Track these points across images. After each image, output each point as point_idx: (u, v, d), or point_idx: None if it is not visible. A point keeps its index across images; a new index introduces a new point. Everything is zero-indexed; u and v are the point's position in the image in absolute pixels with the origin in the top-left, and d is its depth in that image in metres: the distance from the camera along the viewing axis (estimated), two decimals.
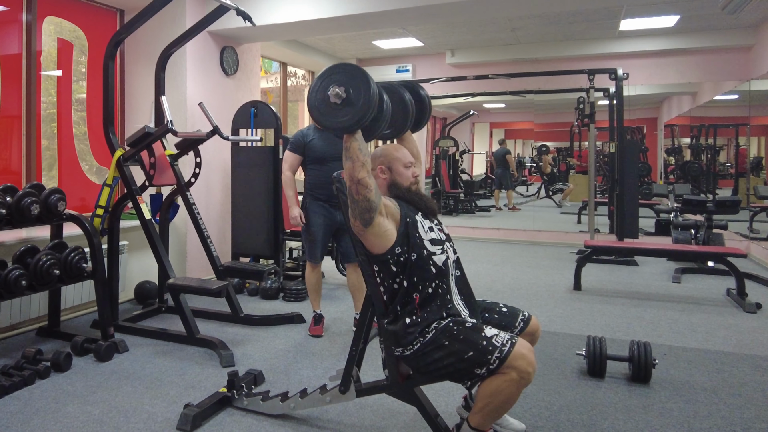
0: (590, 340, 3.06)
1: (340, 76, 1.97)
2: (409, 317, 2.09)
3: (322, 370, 3.18)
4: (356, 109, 1.93)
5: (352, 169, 1.98)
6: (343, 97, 1.94)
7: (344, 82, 1.95)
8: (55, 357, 3.16)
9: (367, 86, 1.93)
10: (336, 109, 1.96)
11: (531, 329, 2.33)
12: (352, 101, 1.94)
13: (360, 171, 1.97)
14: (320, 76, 2.02)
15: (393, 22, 5.26)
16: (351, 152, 1.98)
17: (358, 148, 1.98)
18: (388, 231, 2.08)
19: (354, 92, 1.94)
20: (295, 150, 3.79)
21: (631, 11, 5.92)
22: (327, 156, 3.73)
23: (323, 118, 2.00)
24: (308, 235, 3.80)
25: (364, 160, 1.98)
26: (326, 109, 1.99)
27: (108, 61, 3.74)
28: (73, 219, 3.53)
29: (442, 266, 2.13)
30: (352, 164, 1.98)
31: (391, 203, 2.15)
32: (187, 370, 3.19)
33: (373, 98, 1.93)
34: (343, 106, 1.95)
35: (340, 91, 1.94)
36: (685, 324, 4.02)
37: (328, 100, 1.97)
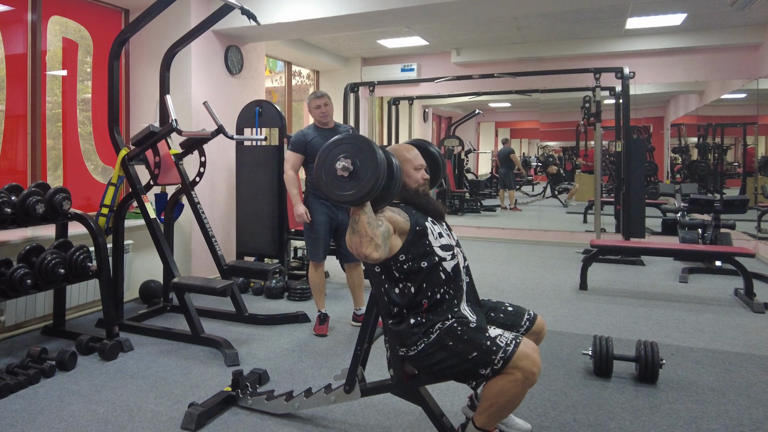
0: (597, 339, 3.04)
1: (347, 148, 1.91)
2: (414, 317, 2.08)
3: (327, 369, 3.16)
4: (364, 182, 1.87)
5: (359, 244, 1.88)
6: (350, 170, 1.88)
7: (351, 154, 1.90)
8: (60, 356, 3.16)
9: (374, 157, 1.87)
10: (343, 182, 1.90)
11: (536, 328, 2.31)
12: (358, 174, 1.88)
13: (367, 246, 1.88)
14: (326, 147, 1.96)
15: (398, 20, 5.25)
16: (359, 226, 1.89)
17: (367, 222, 1.88)
18: (393, 246, 2.05)
19: (361, 164, 1.88)
20: (297, 149, 3.80)
21: (637, 9, 5.89)
22: None
23: (330, 191, 1.93)
24: (311, 234, 3.81)
25: (372, 234, 1.88)
26: (333, 182, 1.92)
27: (113, 60, 3.74)
28: (78, 218, 3.53)
29: (451, 272, 2.11)
30: (359, 239, 1.88)
31: (401, 216, 2.10)
32: (192, 369, 3.18)
33: (381, 169, 1.86)
34: (350, 178, 1.89)
35: (347, 163, 1.88)
36: (692, 324, 3.99)
37: (335, 172, 1.91)
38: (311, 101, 3.84)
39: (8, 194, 3.15)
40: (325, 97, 3.83)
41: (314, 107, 3.82)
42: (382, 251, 1.92)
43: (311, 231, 3.80)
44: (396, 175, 2.00)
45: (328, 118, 3.84)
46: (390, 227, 2.02)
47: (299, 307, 4.41)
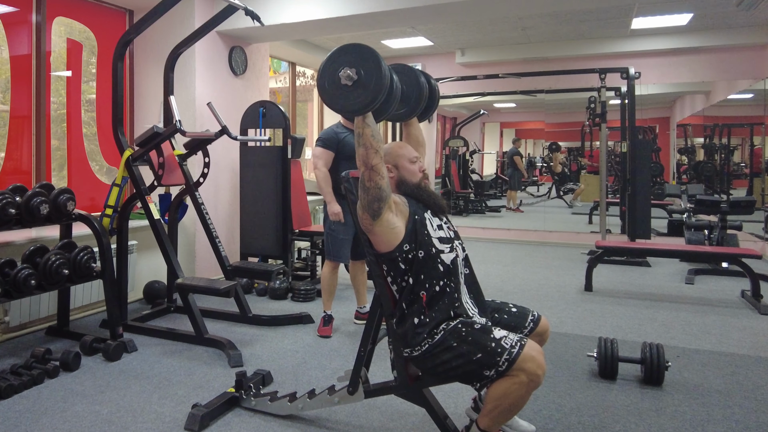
0: (601, 341, 3.02)
1: (351, 57, 1.93)
2: (417, 317, 2.07)
3: (331, 370, 3.16)
4: (368, 90, 1.90)
5: (366, 155, 1.98)
6: (354, 79, 1.90)
7: (355, 63, 1.92)
8: (64, 357, 3.16)
9: (379, 67, 1.90)
10: (347, 91, 1.93)
11: (540, 329, 2.30)
12: (363, 83, 1.90)
13: (374, 157, 1.97)
14: (330, 57, 1.98)
15: (402, 21, 5.24)
16: (364, 138, 1.98)
17: (371, 134, 1.97)
18: (396, 227, 2.06)
19: (365, 73, 1.90)
20: (329, 146, 3.75)
21: (643, 9, 5.86)
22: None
23: (334, 100, 1.97)
24: (337, 234, 3.75)
25: (377, 146, 1.97)
26: (337, 91, 1.95)
27: (117, 61, 3.74)
28: (82, 219, 3.53)
29: (450, 264, 2.10)
30: (365, 150, 1.97)
31: (400, 200, 2.14)
32: (196, 370, 3.18)
33: (385, 79, 1.90)
34: (355, 88, 1.92)
35: (352, 72, 1.90)
36: (698, 326, 3.96)
37: (338, 81, 1.93)
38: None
39: (12, 195, 3.16)
40: None
41: None
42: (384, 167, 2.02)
43: (338, 231, 3.75)
44: (395, 91, 2.05)
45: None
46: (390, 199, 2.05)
47: (303, 308, 4.41)
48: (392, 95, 2.03)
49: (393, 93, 2.03)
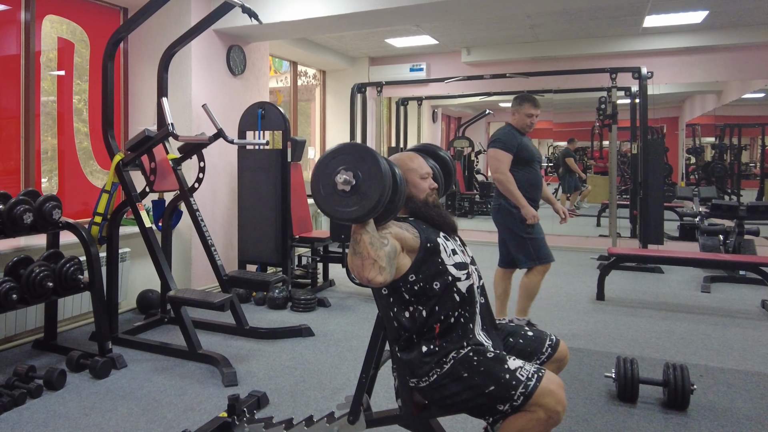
0: (620, 361, 2.82)
1: (346, 158, 1.68)
2: (426, 345, 1.87)
3: (331, 390, 2.97)
4: (367, 197, 1.64)
5: (361, 267, 1.68)
6: (351, 183, 1.65)
7: (352, 166, 1.67)
8: (48, 375, 2.99)
9: (377, 168, 1.65)
10: (344, 197, 1.67)
11: (559, 355, 2.10)
12: (361, 189, 1.65)
13: (370, 269, 1.68)
14: (323, 159, 1.73)
15: (407, 18, 5.04)
16: (360, 246, 1.68)
17: (369, 242, 1.68)
18: (402, 266, 1.84)
19: (363, 177, 1.65)
20: (509, 149, 3.55)
21: (656, 7, 5.64)
22: (536, 157, 3.64)
23: (329, 207, 1.70)
24: (535, 234, 3.59)
25: (375, 256, 1.68)
26: (332, 198, 1.69)
27: (107, 61, 3.56)
28: (69, 227, 3.35)
29: (466, 293, 1.90)
30: (361, 262, 1.67)
31: (409, 232, 1.88)
32: (187, 389, 2.99)
33: (386, 182, 1.64)
34: (352, 193, 1.66)
35: (348, 176, 1.65)
36: (719, 340, 3.76)
37: (334, 186, 1.67)
38: (525, 106, 3.58)
39: None
40: (539, 109, 3.62)
41: (526, 114, 3.58)
42: (387, 274, 1.72)
43: (535, 232, 3.58)
44: (400, 187, 1.78)
45: (532, 129, 3.66)
46: (397, 246, 1.81)
47: (303, 319, 4.22)
48: (397, 194, 1.76)
49: (398, 191, 1.76)
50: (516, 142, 3.55)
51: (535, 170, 3.62)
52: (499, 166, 3.54)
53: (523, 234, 3.58)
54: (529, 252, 3.61)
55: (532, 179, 3.60)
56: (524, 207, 3.49)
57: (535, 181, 3.61)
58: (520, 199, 3.48)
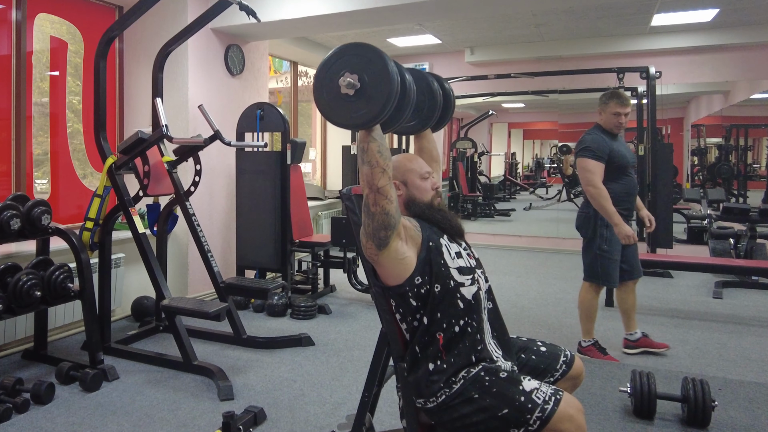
0: (636, 375, 2.68)
1: (351, 60, 1.58)
2: (432, 362, 1.73)
3: (331, 405, 2.83)
4: (373, 100, 1.55)
5: (371, 174, 1.61)
6: (356, 87, 1.55)
7: (357, 68, 1.57)
8: (36, 388, 2.85)
9: (385, 69, 1.55)
10: (348, 101, 1.58)
11: (574, 372, 1.96)
12: (367, 91, 1.55)
13: (380, 177, 1.61)
14: (326, 61, 1.63)
15: (409, 17, 4.90)
16: (369, 155, 1.61)
17: (377, 150, 1.61)
18: (406, 257, 1.72)
19: (370, 79, 1.55)
20: (601, 157, 3.24)
21: (665, 5, 5.50)
22: (629, 162, 3.35)
23: (334, 113, 1.62)
24: (608, 254, 3.29)
25: (384, 164, 1.62)
26: (336, 102, 1.60)
27: (99, 60, 3.43)
28: (59, 233, 3.22)
29: (471, 300, 1.76)
30: (370, 169, 1.61)
31: (411, 224, 1.78)
32: (181, 403, 2.85)
33: (394, 85, 1.54)
34: (357, 97, 1.56)
35: (353, 79, 1.55)
36: (735, 350, 3.62)
37: (337, 90, 1.58)
38: (611, 104, 3.29)
39: None
40: (629, 106, 3.31)
41: (612, 113, 3.29)
42: (393, 189, 1.66)
43: (612, 253, 3.29)
44: (409, 91, 1.67)
45: (623, 129, 3.35)
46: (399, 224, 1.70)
47: (303, 326, 4.08)
48: (405, 100, 1.66)
49: (406, 98, 1.66)
50: (607, 147, 3.25)
51: (629, 176, 3.33)
52: (591, 179, 3.20)
53: (598, 250, 3.33)
54: (596, 269, 3.37)
55: (628, 188, 3.32)
56: (618, 225, 3.16)
57: (630, 189, 3.33)
58: (614, 216, 3.16)
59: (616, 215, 3.16)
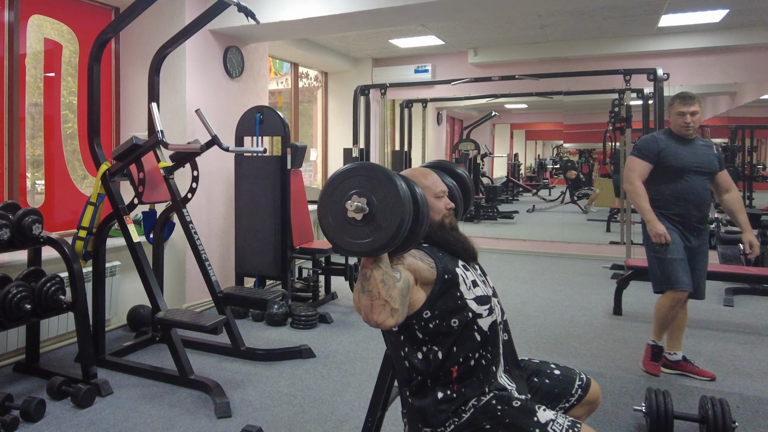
0: (652, 394, 2.56)
1: (360, 182, 1.42)
2: (441, 392, 1.62)
3: (333, 423, 2.71)
4: (383, 227, 1.39)
5: (370, 308, 1.43)
6: (365, 211, 1.40)
7: (365, 191, 1.41)
8: (26, 405, 2.74)
9: (396, 194, 1.39)
10: (356, 226, 1.41)
11: (591, 397, 1.86)
12: (376, 218, 1.39)
13: (380, 312, 1.43)
14: (334, 179, 1.46)
15: (412, 18, 4.78)
16: (371, 283, 1.43)
17: (381, 279, 1.42)
18: (415, 301, 1.58)
19: (379, 204, 1.39)
20: (647, 157, 3.15)
21: (674, 5, 5.38)
22: (687, 166, 3.11)
23: (337, 237, 1.44)
24: (665, 254, 3.09)
25: (387, 296, 1.42)
26: (342, 226, 1.43)
27: (93, 63, 3.31)
28: (50, 243, 3.11)
29: (488, 331, 1.64)
30: (370, 301, 1.43)
31: (424, 262, 1.62)
32: (177, 421, 2.74)
33: (406, 211, 1.39)
34: (366, 223, 1.40)
35: (361, 203, 1.40)
36: (750, 362, 3.50)
37: (344, 214, 1.42)
38: (675, 105, 3.15)
39: None
40: (694, 104, 3.10)
41: (677, 114, 3.14)
42: (400, 316, 1.45)
43: (665, 251, 3.08)
44: (422, 214, 1.49)
45: (691, 130, 3.13)
46: (410, 279, 1.54)
47: (303, 337, 3.97)
48: (418, 222, 1.48)
49: (419, 219, 1.48)
50: (656, 147, 3.13)
51: (687, 181, 3.10)
52: (628, 176, 3.18)
53: (651, 252, 3.17)
54: (656, 274, 3.17)
55: (680, 191, 3.11)
56: (650, 222, 3.08)
57: (684, 193, 3.10)
58: (647, 212, 3.10)
59: (650, 212, 3.09)
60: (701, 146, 3.18)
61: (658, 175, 3.16)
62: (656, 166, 3.15)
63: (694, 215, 3.12)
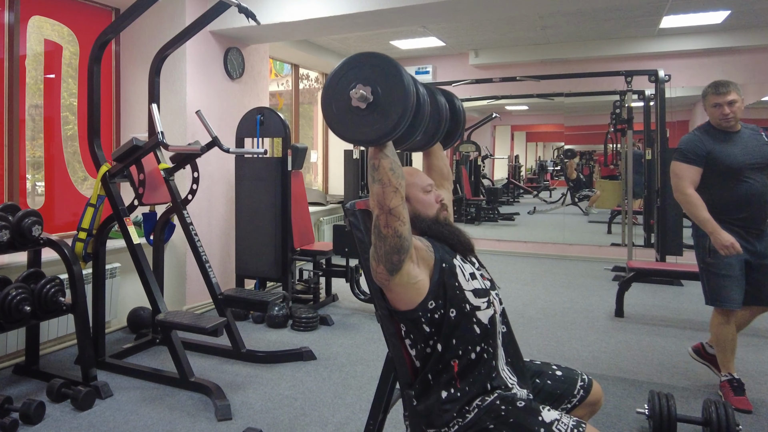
0: (655, 396, 2.54)
1: (365, 71, 1.47)
2: (445, 390, 1.61)
3: (333, 426, 2.70)
4: (387, 115, 1.44)
5: (382, 194, 1.51)
6: (369, 100, 1.44)
7: (370, 80, 1.46)
8: (25, 407, 2.72)
9: (400, 81, 1.44)
10: (360, 115, 1.47)
11: (593, 398, 1.84)
12: (381, 105, 1.44)
13: (392, 197, 1.50)
14: (336, 71, 1.52)
15: (413, 19, 4.78)
16: (380, 172, 1.51)
17: (390, 167, 1.50)
18: (419, 281, 1.60)
19: (383, 92, 1.44)
20: (694, 161, 2.86)
21: (675, 7, 5.37)
22: (742, 165, 2.81)
23: (344, 128, 1.51)
24: (720, 269, 2.84)
25: (397, 183, 1.51)
26: (347, 116, 1.49)
27: (93, 65, 3.30)
28: (50, 244, 3.10)
29: (487, 324, 1.64)
30: (382, 188, 1.50)
31: (423, 245, 1.66)
32: (177, 424, 2.73)
33: (409, 99, 1.43)
34: (370, 111, 1.45)
35: (366, 91, 1.44)
36: (754, 364, 3.48)
37: (348, 102, 1.47)
38: (708, 97, 2.87)
39: None
40: (730, 93, 2.81)
41: (711, 106, 2.86)
42: (406, 210, 1.55)
43: (718, 267, 2.84)
44: (424, 107, 1.56)
45: (732, 121, 2.84)
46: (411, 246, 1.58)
47: (304, 339, 3.95)
48: (419, 116, 1.55)
49: (420, 113, 1.55)
50: (702, 149, 2.84)
51: (745, 182, 2.81)
52: (677, 184, 2.87)
53: (702, 263, 2.95)
54: (705, 287, 2.95)
55: (741, 195, 2.81)
56: (714, 233, 2.74)
57: (746, 196, 2.80)
58: (707, 224, 2.77)
59: (711, 222, 2.76)
60: (749, 136, 2.88)
61: (711, 180, 2.87)
62: (707, 170, 2.86)
63: (758, 217, 2.84)
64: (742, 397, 2.89)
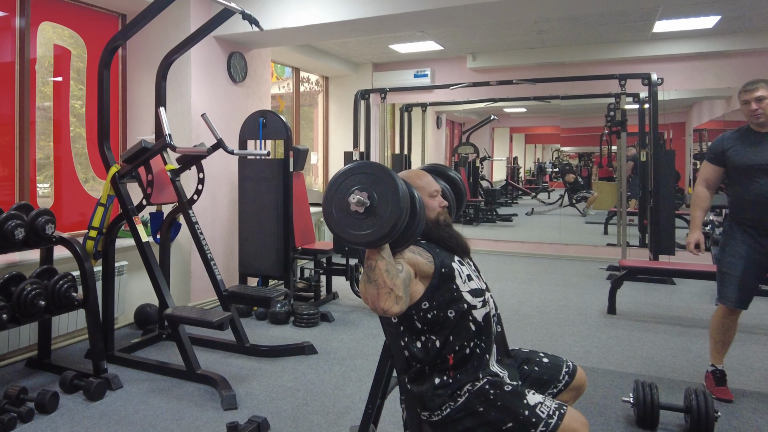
0: (639, 386, 2.68)
1: (362, 178, 1.58)
2: (438, 377, 1.74)
3: (335, 414, 2.83)
4: (383, 220, 1.53)
5: (377, 296, 1.55)
6: (366, 205, 1.54)
7: (367, 186, 1.56)
8: (40, 397, 2.86)
9: (395, 190, 1.54)
10: (358, 219, 1.56)
11: (577, 383, 1.98)
12: (376, 211, 1.54)
13: (386, 299, 1.54)
14: (336, 178, 1.62)
15: (411, 24, 4.92)
16: (376, 273, 1.56)
17: (385, 269, 1.55)
18: (415, 292, 1.72)
19: (379, 198, 1.54)
20: (713, 159, 2.95)
21: (667, 12, 5.51)
22: (755, 165, 2.82)
23: (343, 230, 1.59)
24: (724, 268, 2.95)
25: (392, 284, 1.55)
26: (346, 220, 1.57)
27: (102, 69, 3.44)
28: (63, 242, 3.23)
29: (482, 322, 1.77)
30: (377, 291, 1.55)
31: (422, 257, 1.75)
32: (185, 413, 2.86)
33: (403, 204, 1.54)
34: (367, 216, 1.55)
35: (363, 197, 1.54)
36: (739, 359, 3.61)
37: (347, 207, 1.57)
38: (740, 95, 2.88)
39: None
40: (758, 89, 2.78)
41: (742, 103, 2.85)
42: (404, 303, 1.58)
43: (725, 265, 2.94)
44: (419, 211, 1.66)
45: (762, 118, 2.79)
46: (411, 272, 1.68)
47: (306, 334, 4.08)
48: (415, 219, 1.65)
49: (416, 216, 1.65)
50: (720, 148, 2.91)
51: (757, 182, 2.79)
52: (697, 179, 3.02)
53: (714, 259, 3.12)
54: (718, 285, 3.05)
55: (750, 195, 2.82)
56: (691, 230, 2.97)
57: (754, 197, 2.80)
58: (693, 220, 2.97)
59: (694, 220, 2.96)
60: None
61: (731, 179, 2.93)
62: (728, 169, 2.93)
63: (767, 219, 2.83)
64: (723, 387, 3.02)
